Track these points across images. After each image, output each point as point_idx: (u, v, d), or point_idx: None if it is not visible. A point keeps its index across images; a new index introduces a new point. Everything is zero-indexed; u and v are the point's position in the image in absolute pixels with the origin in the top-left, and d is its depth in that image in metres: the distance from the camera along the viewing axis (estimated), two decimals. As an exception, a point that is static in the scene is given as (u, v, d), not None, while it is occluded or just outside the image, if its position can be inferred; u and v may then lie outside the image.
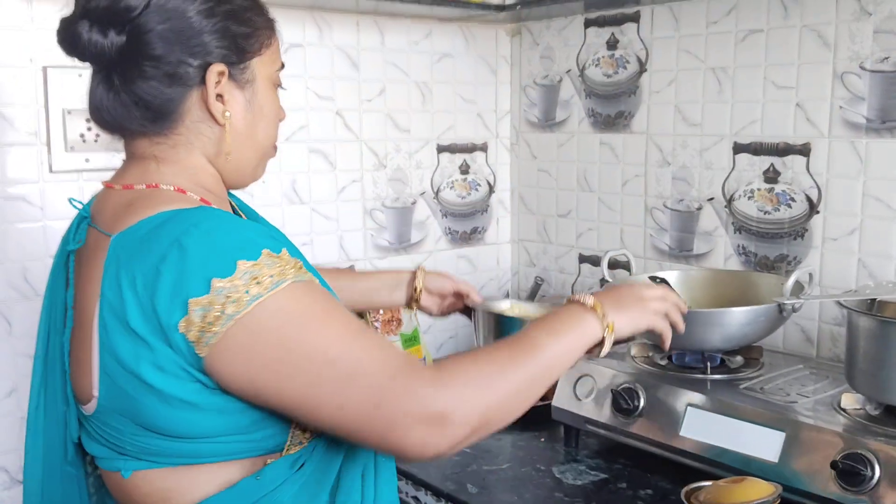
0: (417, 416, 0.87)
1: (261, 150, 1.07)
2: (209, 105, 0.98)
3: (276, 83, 1.07)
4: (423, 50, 2.30)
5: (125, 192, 0.99)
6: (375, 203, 2.27)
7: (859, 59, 1.71)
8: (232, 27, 0.98)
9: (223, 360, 0.87)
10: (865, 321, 1.37)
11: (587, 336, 1.09)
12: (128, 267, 0.89)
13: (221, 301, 0.85)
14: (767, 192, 1.88)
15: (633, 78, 2.14)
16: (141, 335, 0.87)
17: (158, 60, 0.95)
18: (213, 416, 0.91)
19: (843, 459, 1.28)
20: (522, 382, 0.97)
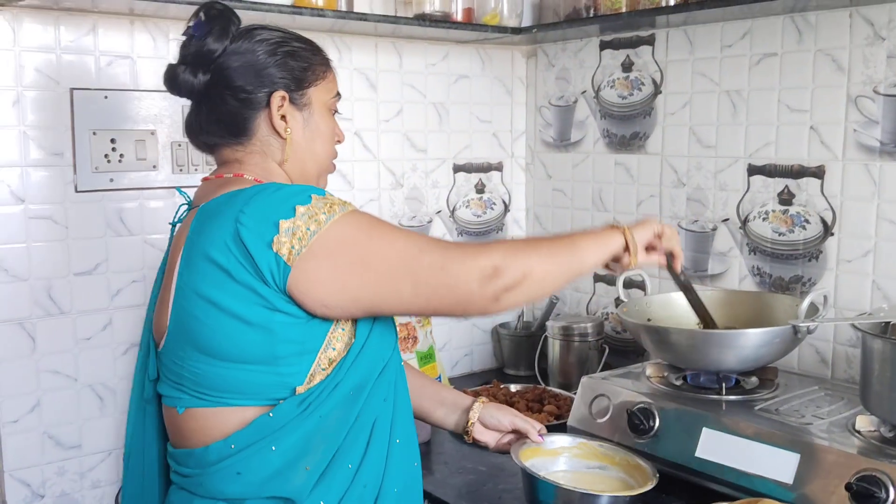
0: (475, 271, 1.15)
1: (319, 162, 1.33)
2: (273, 123, 1.26)
3: (331, 108, 1.33)
4: (439, 71, 2.33)
5: (217, 180, 1.27)
6: (393, 221, 2.29)
7: (873, 84, 1.72)
8: (290, 62, 1.26)
9: (311, 270, 1.12)
10: (880, 344, 1.38)
11: (612, 238, 1.32)
12: (214, 219, 1.15)
13: (305, 221, 1.12)
14: (782, 213, 1.90)
15: (648, 99, 2.16)
16: (224, 266, 1.12)
17: (236, 90, 1.24)
18: (261, 337, 1.13)
19: (857, 481, 1.29)
20: (555, 254, 1.25)
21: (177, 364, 1.18)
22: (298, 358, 1.16)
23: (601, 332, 2.24)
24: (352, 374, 1.19)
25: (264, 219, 1.11)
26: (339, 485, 1.18)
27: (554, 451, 1.57)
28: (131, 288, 1.87)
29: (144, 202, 1.88)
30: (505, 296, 1.16)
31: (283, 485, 1.15)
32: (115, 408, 1.87)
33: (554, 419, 1.96)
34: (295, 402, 1.15)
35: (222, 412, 1.16)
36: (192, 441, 1.18)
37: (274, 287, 1.12)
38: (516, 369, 2.43)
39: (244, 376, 1.15)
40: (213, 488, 1.17)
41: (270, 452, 1.15)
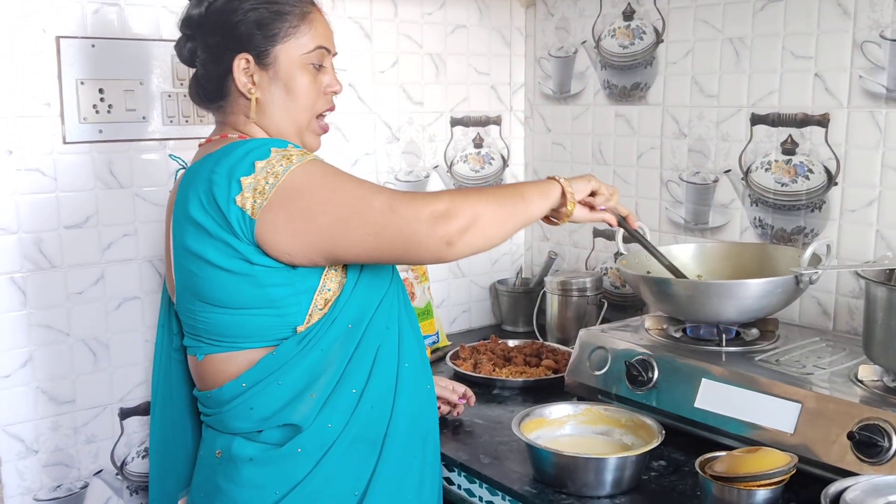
0: (426, 212, 1.17)
1: (295, 120, 1.33)
2: (238, 85, 1.29)
3: (308, 63, 1.31)
4: (436, 21, 2.28)
5: (207, 144, 1.33)
6: (388, 176, 2.26)
7: (879, 28, 1.68)
8: (253, 22, 1.28)
9: (271, 220, 1.17)
10: (884, 292, 1.35)
11: (552, 188, 1.35)
12: (192, 180, 1.22)
13: (264, 176, 1.17)
14: (785, 163, 1.86)
15: (649, 49, 2.11)
16: (202, 224, 1.19)
17: (209, 53, 1.31)
18: (250, 286, 1.20)
19: (859, 430, 1.27)
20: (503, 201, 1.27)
21: (190, 317, 1.28)
22: (295, 299, 1.23)
23: (600, 287, 2.22)
24: (347, 310, 1.26)
25: (230, 176, 1.18)
26: (344, 408, 1.26)
27: (559, 420, 1.56)
28: (123, 241, 1.84)
29: (135, 154, 1.84)
30: (458, 239, 1.19)
31: (291, 413, 1.24)
32: (108, 363, 1.85)
33: (552, 373, 1.94)
34: (295, 340, 1.23)
35: (234, 356, 1.26)
36: (210, 383, 1.29)
37: (245, 241, 1.19)
38: (514, 325, 2.42)
39: (248, 321, 1.23)
40: (231, 424, 1.27)
41: (278, 387, 1.23)
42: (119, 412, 1.88)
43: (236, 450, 1.27)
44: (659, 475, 1.46)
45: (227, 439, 1.28)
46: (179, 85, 1.86)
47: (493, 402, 1.84)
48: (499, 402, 1.85)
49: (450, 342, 2.30)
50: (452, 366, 2.00)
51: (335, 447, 1.26)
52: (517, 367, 1.98)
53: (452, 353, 2.09)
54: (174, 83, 1.86)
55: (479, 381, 1.92)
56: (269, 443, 1.26)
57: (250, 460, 1.26)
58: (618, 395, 1.63)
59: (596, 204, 1.44)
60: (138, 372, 1.90)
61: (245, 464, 1.26)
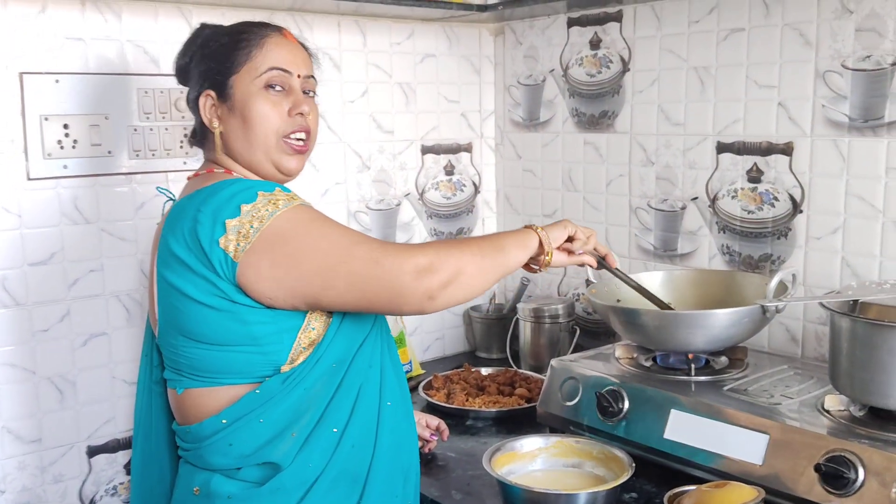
0: (410, 266, 1.18)
1: (262, 145, 1.32)
2: (205, 122, 1.33)
3: (264, 86, 1.31)
4: (405, 50, 2.29)
5: (195, 178, 1.34)
6: (359, 205, 2.26)
7: (841, 58, 1.70)
8: (209, 59, 1.32)
9: (253, 264, 1.17)
10: (848, 323, 1.36)
11: (530, 238, 1.37)
12: (178, 215, 1.23)
13: (249, 219, 1.18)
14: (751, 191, 1.88)
15: (616, 77, 2.13)
16: (184, 260, 1.19)
17: (189, 97, 1.36)
18: (233, 323, 1.20)
19: (826, 462, 1.28)
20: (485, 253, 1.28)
21: (172, 351, 1.27)
22: (278, 336, 1.23)
23: (572, 313, 2.22)
24: (331, 350, 1.26)
25: (215, 217, 1.19)
26: (325, 447, 1.25)
27: (530, 454, 1.56)
28: (89, 277, 1.82)
29: (101, 189, 1.82)
30: (440, 293, 1.20)
31: (271, 452, 1.23)
32: (75, 400, 1.83)
33: (525, 402, 1.94)
34: (280, 378, 1.23)
35: (215, 391, 1.25)
36: (190, 418, 1.27)
37: (226, 280, 1.19)
38: (488, 352, 2.41)
39: (230, 357, 1.23)
40: (210, 460, 1.25)
41: (259, 424, 1.22)
42: (87, 450, 1.85)
43: (215, 486, 1.25)
44: (630, 508, 1.46)
45: (205, 476, 1.27)
46: (145, 118, 1.85)
47: (466, 434, 1.83)
48: (472, 433, 1.84)
49: (423, 370, 2.29)
50: (425, 396, 1.99)
51: (316, 486, 1.25)
52: (490, 397, 1.98)
53: (426, 382, 2.08)
54: (140, 117, 1.84)
55: (453, 411, 1.91)
56: (248, 480, 1.25)
57: (229, 498, 1.24)
58: (589, 426, 1.63)
59: (574, 249, 1.45)
60: (106, 409, 1.87)
61: (223, 501, 1.24)
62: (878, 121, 1.66)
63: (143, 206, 1.87)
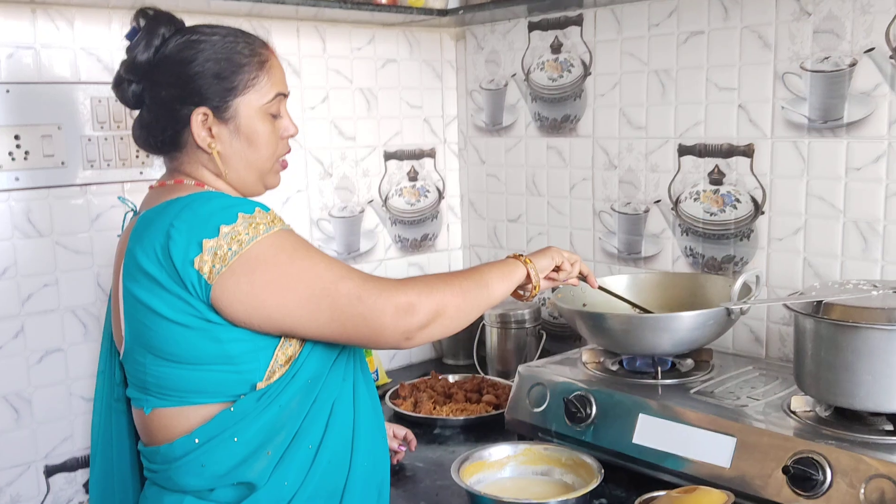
0: (391, 306, 1.17)
1: (258, 168, 1.29)
2: (196, 140, 1.24)
3: (270, 112, 1.27)
4: (366, 56, 2.27)
5: (160, 188, 1.27)
6: (322, 213, 2.23)
7: (800, 60, 1.71)
8: (213, 75, 1.23)
9: (229, 287, 1.13)
10: (812, 323, 1.37)
11: (516, 270, 1.39)
12: (147, 228, 1.17)
13: (227, 241, 1.13)
14: (713, 193, 1.89)
15: (577, 81, 2.13)
16: (155, 276, 1.14)
17: (163, 104, 1.24)
18: (207, 341, 1.16)
19: (794, 464, 1.28)
20: (467, 290, 1.28)
21: (139, 369, 1.21)
22: (254, 355, 1.19)
23: (538, 318, 2.21)
24: (307, 366, 1.23)
25: (190, 236, 1.13)
26: (300, 464, 1.22)
27: (499, 462, 1.54)
28: (43, 292, 1.77)
29: (54, 201, 1.77)
30: (418, 334, 1.20)
31: (246, 471, 1.19)
32: (31, 419, 1.78)
33: (493, 409, 1.92)
34: (255, 396, 1.19)
35: (186, 410, 1.20)
36: (159, 438, 1.22)
37: (198, 299, 1.15)
38: (455, 359, 2.40)
39: (204, 376, 1.18)
40: (181, 481, 1.20)
41: (233, 443, 1.18)
42: (44, 470, 1.80)
43: None
44: (600, 515, 1.45)
45: (175, 498, 1.22)
46: (100, 128, 1.81)
47: (434, 443, 1.81)
48: (440, 442, 1.82)
49: (390, 379, 2.27)
50: (392, 405, 1.97)
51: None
52: (458, 405, 1.96)
53: (392, 391, 2.05)
54: (94, 127, 1.80)
55: (420, 420, 1.89)
56: (222, 502, 1.21)
57: None
58: (557, 432, 1.62)
59: (560, 279, 1.49)
60: (64, 427, 1.82)
61: None
62: (837, 122, 1.67)
63: (98, 218, 1.82)
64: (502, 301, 1.38)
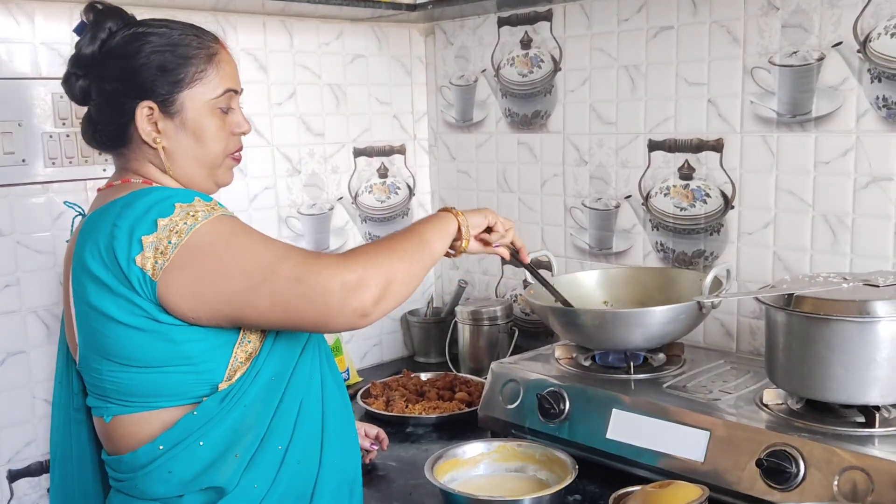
0: (337, 283, 1.12)
1: (207, 163, 1.26)
2: (141, 134, 1.21)
3: (218, 107, 1.24)
4: (334, 51, 2.24)
5: (108, 190, 1.24)
6: (291, 210, 2.20)
7: (768, 54, 1.72)
8: (157, 71, 1.20)
9: (173, 281, 1.10)
10: (783, 316, 1.37)
11: (449, 222, 1.35)
12: (92, 230, 1.14)
13: (167, 234, 1.10)
14: (683, 188, 1.89)
15: (547, 77, 2.12)
16: (102, 279, 1.12)
17: (108, 98, 1.21)
18: (162, 343, 1.13)
19: (767, 457, 1.28)
20: (411, 253, 1.23)
21: (96, 376, 1.18)
22: (211, 354, 1.17)
23: (510, 314, 2.21)
24: (269, 363, 1.20)
25: (130, 234, 1.11)
26: (270, 466, 1.20)
27: (473, 460, 1.53)
28: (4, 293, 1.73)
29: (15, 200, 1.73)
30: (373, 309, 1.14)
31: (214, 476, 1.16)
32: (-8, 423, 1.73)
33: (466, 406, 1.91)
34: (218, 397, 1.16)
35: (148, 416, 1.17)
36: (122, 447, 1.19)
37: (147, 300, 1.12)
38: (427, 356, 2.38)
39: (163, 379, 1.15)
40: (147, 489, 1.18)
41: (199, 448, 1.16)
42: (7, 474, 1.76)
43: None
44: (575, 511, 1.44)
45: None
46: (62, 125, 1.76)
47: (406, 442, 1.79)
48: (413, 440, 1.81)
49: (361, 378, 2.25)
50: (363, 405, 1.95)
51: None
52: (430, 402, 1.94)
53: (364, 390, 2.03)
54: (56, 123, 1.76)
55: (392, 419, 1.87)
56: None
57: None
58: (531, 429, 1.61)
59: (491, 241, 1.44)
60: (27, 431, 1.78)
61: None
62: (806, 116, 1.68)
63: (60, 217, 1.78)
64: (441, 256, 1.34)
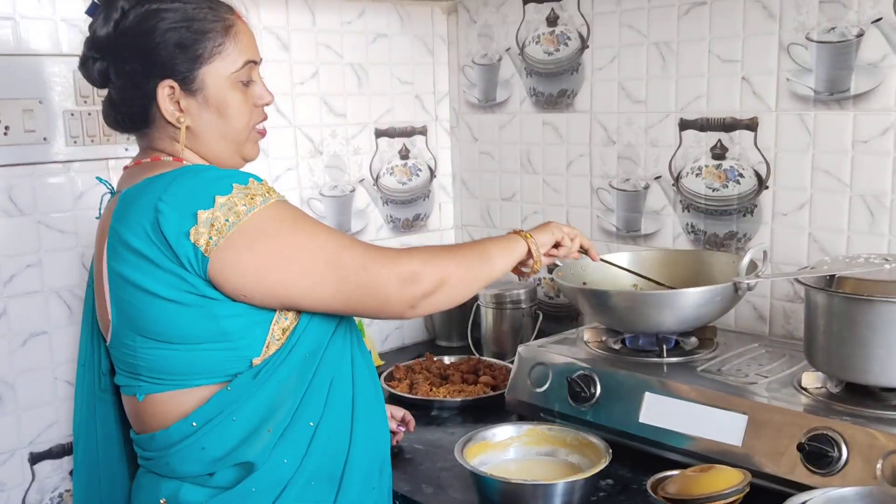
0: (394, 275, 1.16)
1: (232, 138, 1.25)
2: (164, 113, 1.19)
3: (240, 80, 1.22)
4: (356, 30, 2.20)
5: (136, 167, 1.23)
6: (313, 192, 2.18)
7: (805, 30, 1.67)
8: (175, 48, 1.17)
9: (227, 260, 1.10)
10: (824, 298, 1.34)
11: (517, 245, 1.37)
12: (132, 206, 1.12)
13: (224, 212, 1.09)
14: (715, 168, 1.85)
15: (574, 55, 2.08)
16: (145, 254, 1.10)
17: (127, 79, 1.19)
18: (202, 319, 1.12)
19: (809, 441, 1.25)
20: (469, 261, 1.28)
21: (128, 354, 1.17)
22: (250, 330, 1.16)
23: (534, 298, 2.17)
24: (305, 339, 1.19)
25: (183, 208, 1.09)
26: (300, 442, 1.19)
27: (502, 443, 1.50)
28: (26, 273, 1.71)
29: (37, 179, 1.70)
30: (422, 302, 1.19)
31: (246, 451, 1.16)
32: (15, 404, 1.71)
33: (490, 390, 1.88)
34: (251, 373, 1.16)
35: (181, 394, 1.16)
36: (154, 425, 1.19)
37: (195, 274, 1.11)
38: (448, 340, 2.35)
39: (199, 356, 1.15)
40: (178, 467, 1.17)
41: (232, 423, 1.15)
42: (29, 457, 1.74)
43: (185, 496, 1.17)
44: (608, 495, 1.41)
45: (173, 485, 1.18)
46: (83, 103, 1.74)
47: (432, 425, 1.77)
48: (438, 423, 1.78)
49: (383, 361, 2.22)
50: (387, 387, 1.92)
51: (291, 485, 1.18)
52: (455, 386, 1.92)
53: (387, 373, 2.01)
54: (77, 101, 1.73)
55: (417, 402, 1.85)
56: (220, 485, 1.17)
57: None
58: (560, 413, 1.59)
59: (559, 256, 1.46)
60: (49, 412, 1.76)
61: None
62: (844, 94, 1.64)
63: (82, 197, 1.76)
64: (502, 277, 1.35)
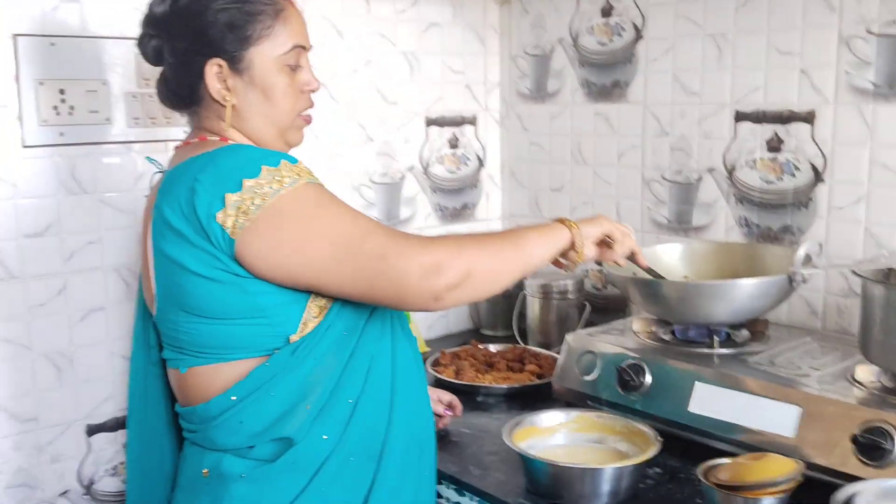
0: (416, 265, 1.13)
1: (276, 122, 1.26)
2: (211, 92, 1.22)
3: (287, 64, 1.24)
4: (409, 19, 2.22)
5: (185, 147, 1.26)
6: (363, 178, 2.20)
7: (866, 23, 1.65)
8: (225, 25, 1.20)
9: (252, 242, 1.12)
10: (882, 291, 1.32)
11: (559, 234, 1.31)
12: (172, 184, 1.16)
13: (251, 196, 1.11)
14: (770, 161, 1.83)
15: (628, 46, 2.07)
16: (181, 231, 1.13)
17: (178, 57, 1.23)
18: (236, 295, 1.14)
19: (863, 433, 1.24)
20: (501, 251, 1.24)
21: (172, 328, 1.21)
22: (285, 308, 1.17)
23: (581, 289, 2.17)
24: (342, 316, 1.20)
25: (213, 190, 1.12)
26: (339, 419, 1.20)
27: (550, 429, 1.51)
28: (87, 250, 1.75)
29: (98, 158, 1.75)
30: (447, 295, 1.15)
31: (284, 426, 1.18)
32: (74, 377, 1.76)
33: (536, 378, 1.89)
34: (290, 349, 1.17)
35: (221, 368, 1.19)
36: (195, 398, 1.21)
37: (224, 253, 1.13)
38: (493, 329, 2.36)
39: (236, 331, 1.17)
40: (219, 440, 1.20)
41: (270, 399, 1.17)
42: (86, 429, 1.79)
43: (226, 467, 1.19)
44: (656, 483, 1.41)
45: (215, 457, 1.21)
46: (144, 85, 1.78)
47: (477, 410, 1.78)
48: (484, 409, 1.79)
49: (429, 348, 2.24)
50: (434, 372, 1.94)
51: (330, 461, 1.20)
52: (500, 373, 1.93)
53: (433, 359, 2.02)
54: (139, 83, 1.77)
55: (462, 388, 1.86)
56: (260, 459, 1.19)
57: (241, 478, 1.19)
58: (608, 401, 1.59)
59: (611, 256, 1.41)
60: (105, 386, 1.81)
61: (235, 482, 1.18)
62: (905, 86, 1.62)
63: (142, 177, 1.80)
64: (543, 267, 1.31)
